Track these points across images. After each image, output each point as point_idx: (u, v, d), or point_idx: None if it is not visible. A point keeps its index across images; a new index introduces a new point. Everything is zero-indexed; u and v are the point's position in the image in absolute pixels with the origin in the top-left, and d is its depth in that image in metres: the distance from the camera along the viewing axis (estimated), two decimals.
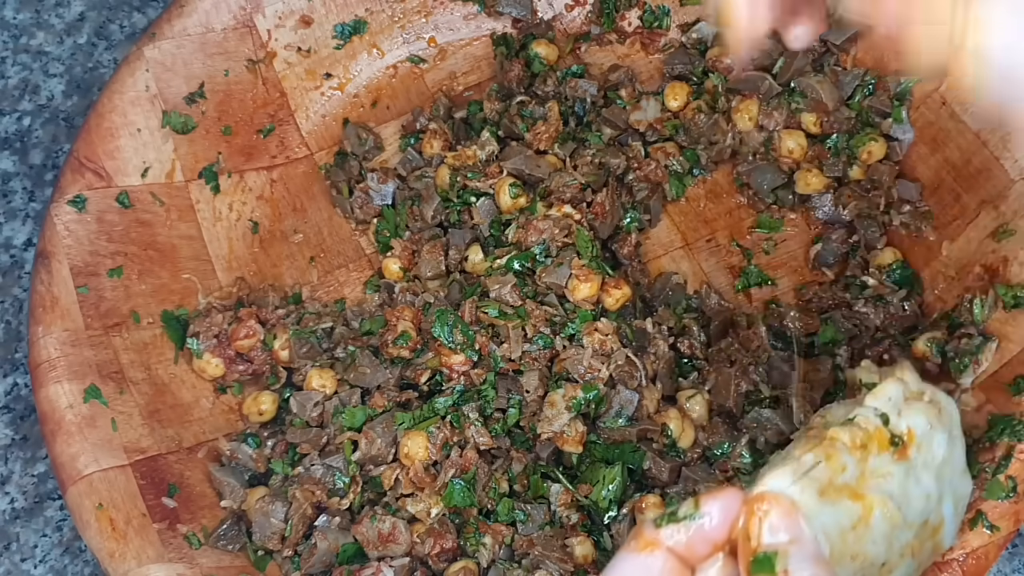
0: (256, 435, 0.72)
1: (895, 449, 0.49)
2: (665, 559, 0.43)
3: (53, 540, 0.74)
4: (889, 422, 0.49)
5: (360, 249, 0.79)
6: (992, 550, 0.59)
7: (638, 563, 0.43)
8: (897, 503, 0.48)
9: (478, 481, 0.66)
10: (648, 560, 0.43)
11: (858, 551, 0.47)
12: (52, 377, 0.68)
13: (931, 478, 0.51)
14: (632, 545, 0.44)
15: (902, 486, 0.49)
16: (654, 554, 0.43)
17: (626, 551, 0.44)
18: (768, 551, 0.42)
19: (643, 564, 0.43)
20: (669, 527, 0.44)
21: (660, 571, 0.43)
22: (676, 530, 0.43)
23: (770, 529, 0.43)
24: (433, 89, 0.83)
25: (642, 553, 0.44)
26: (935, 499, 0.51)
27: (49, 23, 0.90)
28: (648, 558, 0.43)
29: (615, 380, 0.68)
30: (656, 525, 0.44)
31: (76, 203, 0.73)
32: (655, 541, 0.43)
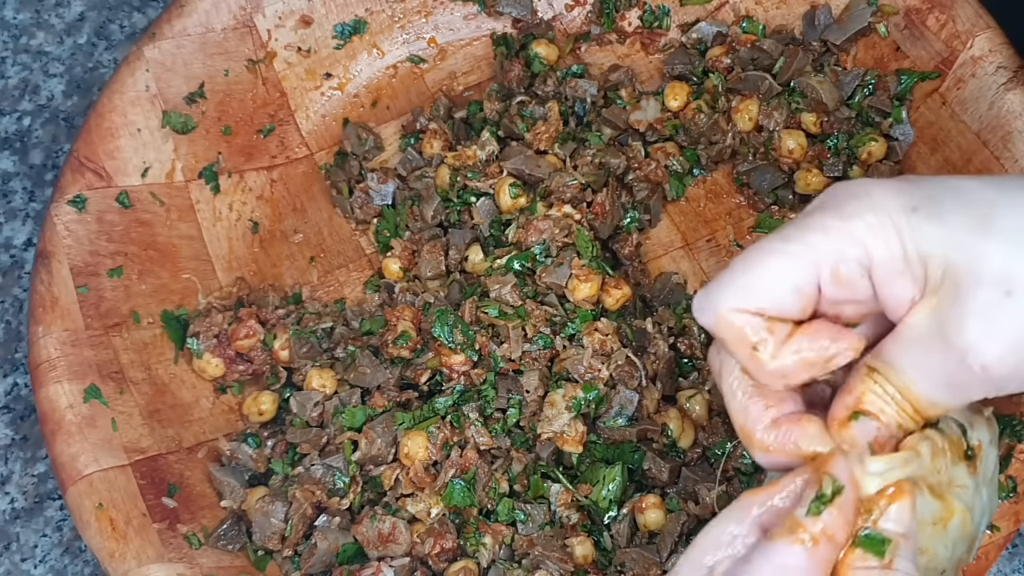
0: (256, 435, 0.72)
1: (968, 462, 0.49)
2: (826, 548, 0.44)
3: (53, 540, 0.74)
4: (967, 433, 0.50)
5: (360, 249, 0.79)
6: (992, 550, 0.59)
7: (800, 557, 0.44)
8: (971, 515, 0.49)
9: (478, 481, 0.67)
10: (810, 551, 0.44)
11: (927, 547, 0.47)
12: (52, 377, 0.68)
13: (986, 493, 0.51)
14: (791, 537, 0.44)
15: (972, 499, 0.49)
16: (815, 545, 0.44)
17: (789, 541, 0.44)
18: (884, 535, 0.44)
19: (804, 559, 0.44)
20: (822, 513, 0.44)
21: (822, 561, 0.44)
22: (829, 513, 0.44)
23: (890, 516, 0.44)
24: (433, 89, 0.83)
25: (805, 548, 0.44)
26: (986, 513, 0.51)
27: (49, 23, 0.90)
28: (810, 549, 0.44)
29: (615, 380, 0.68)
30: (812, 514, 0.44)
31: (76, 203, 0.73)
32: (815, 531, 0.44)
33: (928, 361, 0.45)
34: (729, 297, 0.46)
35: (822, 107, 0.75)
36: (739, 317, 0.46)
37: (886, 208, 0.45)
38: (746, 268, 0.46)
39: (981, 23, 0.72)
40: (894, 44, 0.76)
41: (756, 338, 0.46)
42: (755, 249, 0.46)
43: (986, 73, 0.71)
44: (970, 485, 0.49)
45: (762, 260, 0.46)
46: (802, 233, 0.46)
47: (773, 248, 0.46)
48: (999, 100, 0.70)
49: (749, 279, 0.46)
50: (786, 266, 0.46)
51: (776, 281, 0.46)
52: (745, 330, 0.46)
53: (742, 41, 0.79)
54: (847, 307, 0.48)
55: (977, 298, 0.44)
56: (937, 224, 0.45)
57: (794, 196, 0.76)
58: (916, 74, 0.75)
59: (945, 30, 0.73)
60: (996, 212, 0.45)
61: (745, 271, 0.46)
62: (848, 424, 0.46)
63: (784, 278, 0.46)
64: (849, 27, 0.77)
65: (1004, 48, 0.71)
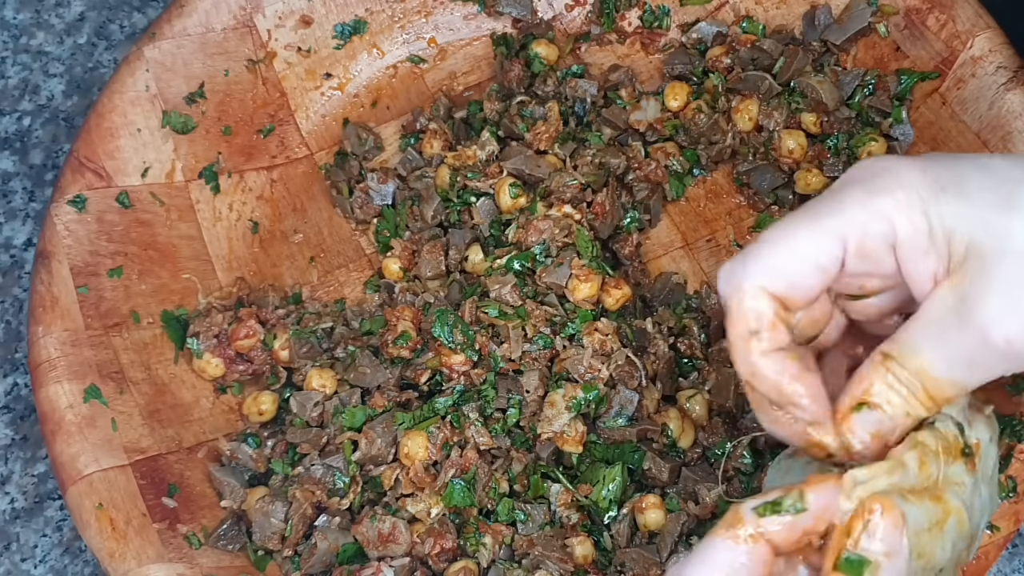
0: (256, 435, 0.72)
1: (966, 459, 0.49)
2: (762, 549, 0.44)
3: (53, 540, 0.74)
4: (964, 432, 0.49)
5: (360, 249, 0.79)
6: (992, 550, 0.59)
7: (734, 550, 0.44)
8: (968, 513, 0.48)
9: (478, 481, 0.66)
10: (744, 548, 0.44)
11: (924, 551, 0.46)
12: (52, 377, 0.68)
13: (986, 491, 0.51)
14: (729, 532, 0.44)
15: (970, 497, 0.49)
16: (751, 543, 0.44)
17: (721, 536, 0.44)
18: (863, 556, 0.43)
19: (739, 551, 0.44)
20: (771, 516, 0.44)
21: (756, 561, 0.44)
22: (777, 520, 0.44)
23: (871, 535, 0.43)
24: (433, 89, 0.83)
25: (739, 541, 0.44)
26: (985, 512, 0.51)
27: (49, 23, 0.90)
28: (745, 546, 0.44)
29: (615, 380, 0.68)
30: (759, 514, 0.44)
31: (76, 203, 0.73)
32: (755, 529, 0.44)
33: (949, 338, 0.45)
34: (756, 274, 0.46)
35: (822, 107, 0.75)
36: (758, 299, 0.46)
37: (913, 184, 0.45)
38: (774, 243, 0.46)
39: (981, 23, 0.72)
40: (894, 44, 0.76)
41: (757, 326, 0.46)
42: (783, 225, 0.47)
43: (986, 73, 0.71)
44: (968, 483, 0.49)
45: (790, 235, 0.46)
46: (829, 207, 0.46)
47: (800, 223, 0.46)
48: (999, 100, 0.70)
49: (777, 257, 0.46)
50: (813, 242, 0.46)
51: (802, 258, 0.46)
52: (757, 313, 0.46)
53: (742, 41, 0.79)
54: (871, 280, 0.48)
55: (1001, 273, 0.44)
56: (963, 201, 0.45)
57: (794, 196, 0.76)
58: (916, 74, 0.75)
59: (945, 30, 0.73)
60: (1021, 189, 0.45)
61: (773, 247, 0.46)
62: (850, 416, 0.46)
63: (810, 254, 0.46)
64: (849, 27, 0.77)
65: (1004, 48, 0.71)
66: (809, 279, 0.46)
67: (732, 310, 0.47)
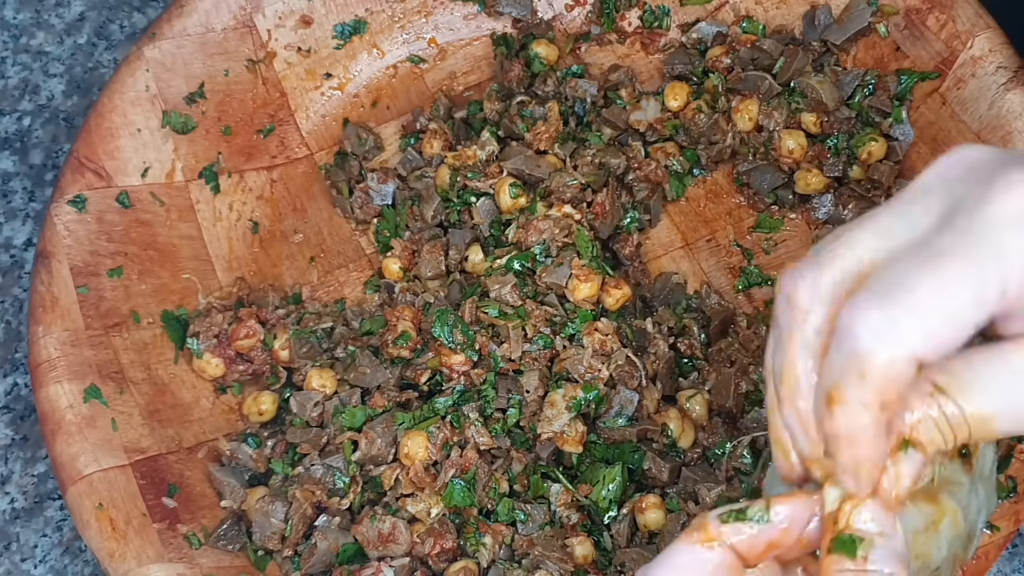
0: (256, 435, 0.72)
1: (963, 459, 0.49)
2: (724, 555, 0.43)
3: (53, 540, 0.74)
4: None
5: (360, 249, 0.79)
6: (992, 550, 0.59)
7: (696, 555, 0.43)
8: (964, 513, 0.48)
9: (478, 481, 0.66)
10: (707, 554, 0.43)
11: (920, 552, 0.46)
12: (52, 377, 0.68)
13: (983, 491, 0.51)
14: (692, 537, 0.43)
15: (967, 497, 0.49)
16: (714, 549, 0.43)
17: (684, 542, 0.43)
18: (855, 535, 0.42)
19: (701, 557, 0.43)
20: (734, 524, 0.43)
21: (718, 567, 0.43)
22: (740, 528, 0.43)
23: (862, 518, 0.42)
24: (433, 89, 0.83)
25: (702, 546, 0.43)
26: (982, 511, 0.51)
27: (49, 23, 0.90)
28: (707, 552, 0.43)
29: (615, 380, 0.68)
30: (722, 521, 0.43)
31: (76, 203, 0.73)
32: (718, 536, 0.43)
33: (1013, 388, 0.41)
34: (912, 336, 0.39)
35: (822, 107, 0.75)
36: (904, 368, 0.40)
37: None
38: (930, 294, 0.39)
39: (981, 23, 0.72)
40: (894, 44, 0.76)
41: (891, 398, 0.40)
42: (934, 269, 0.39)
43: (986, 73, 0.71)
44: (965, 483, 0.49)
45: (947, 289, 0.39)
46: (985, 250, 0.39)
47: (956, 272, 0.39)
48: (999, 100, 0.70)
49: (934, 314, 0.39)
50: (973, 299, 0.39)
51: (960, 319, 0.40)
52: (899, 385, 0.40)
53: (742, 41, 0.79)
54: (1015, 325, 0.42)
55: None
56: None
57: (794, 196, 0.76)
58: (916, 74, 0.75)
59: (945, 30, 0.73)
60: None
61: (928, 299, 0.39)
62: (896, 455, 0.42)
63: (969, 315, 0.40)
64: (849, 27, 0.77)
65: (1004, 48, 0.71)
66: (958, 340, 0.40)
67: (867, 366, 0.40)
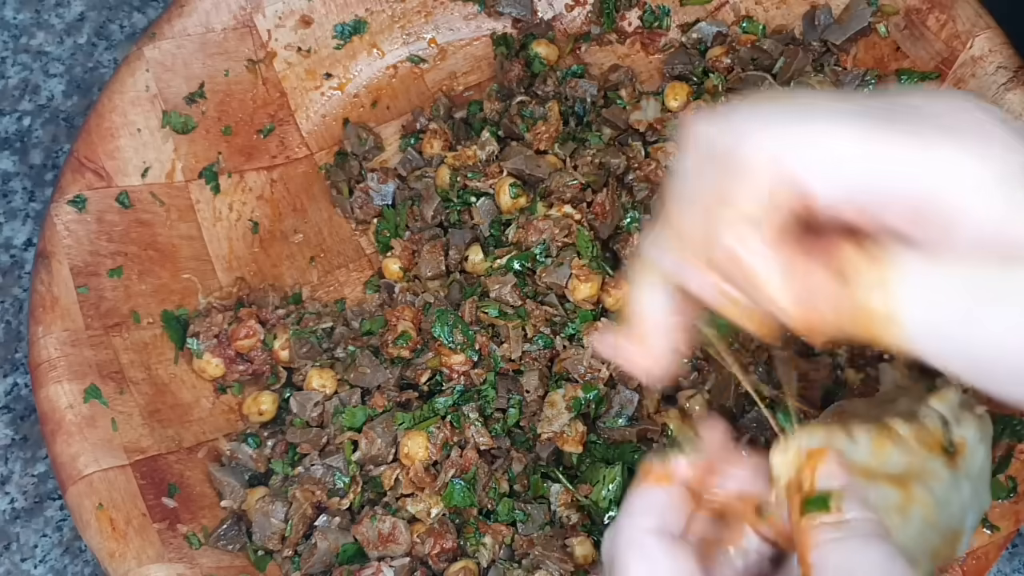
0: (256, 435, 0.72)
1: (947, 456, 0.49)
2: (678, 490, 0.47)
3: (53, 540, 0.74)
4: (949, 427, 0.50)
5: (360, 249, 0.79)
6: (992, 550, 0.59)
7: (654, 495, 0.46)
8: (938, 506, 0.48)
9: (478, 481, 0.66)
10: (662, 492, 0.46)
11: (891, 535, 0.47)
12: (52, 377, 0.68)
13: (969, 488, 0.51)
14: (647, 480, 0.47)
15: (947, 492, 0.49)
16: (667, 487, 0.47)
17: (640, 486, 0.47)
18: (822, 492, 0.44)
19: (659, 495, 0.46)
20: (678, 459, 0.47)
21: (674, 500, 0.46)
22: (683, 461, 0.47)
23: (823, 476, 0.44)
24: (433, 89, 0.83)
25: (657, 486, 0.47)
26: (966, 509, 0.51)
27: (49, 23, 0.90)
28: (662, 490, 0.46)
29: (615, 380, 0.68)
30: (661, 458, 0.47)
31: (76, 203, 0.73)
32: (668, 474, 0.47)
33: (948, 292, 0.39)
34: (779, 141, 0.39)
35: None
36: (769, 171, 0.39)
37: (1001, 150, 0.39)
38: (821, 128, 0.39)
39: (981, 23, 0.72)
40: (894, 44, 0.76)
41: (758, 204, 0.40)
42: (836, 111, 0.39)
43: (986, 73, 0.71)
44: (945, 477, 0.49)
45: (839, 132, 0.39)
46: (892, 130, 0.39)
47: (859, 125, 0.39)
48: (999, 100, 0.70)
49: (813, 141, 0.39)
50: (860, 157, 0.39)
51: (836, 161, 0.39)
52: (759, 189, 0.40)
53: (742, 41, 0.79)
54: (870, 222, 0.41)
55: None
56: None
57: None
58: (916, 74, 0.75)
59: (945, 30, 0.73)
60: None
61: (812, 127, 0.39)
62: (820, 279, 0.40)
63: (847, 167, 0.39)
64: (849, 27, 0.77)
65: (1004, 48, 0.71)
66: (834, 191, 0.39)
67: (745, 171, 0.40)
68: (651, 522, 0.45)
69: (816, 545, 0.43)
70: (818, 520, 0.43)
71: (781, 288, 0.40)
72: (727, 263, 0.41)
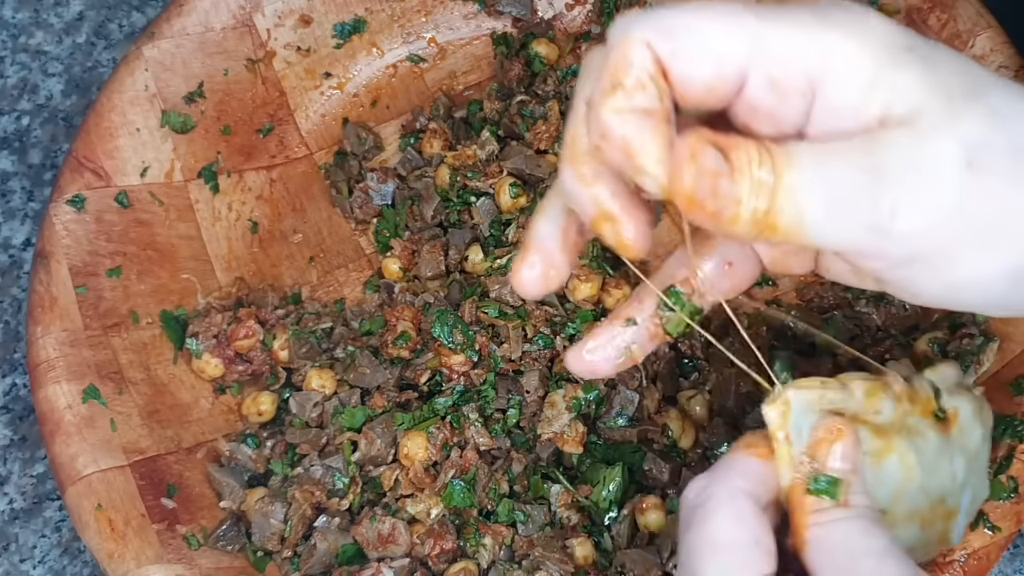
0: (255, 435, 0.72)
1: (937, 420, 0.50)
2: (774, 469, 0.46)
3: (52, 541, 0.73)
4: (940, 397, 0.50)
5: (360, 249, 0.79)
6: (993, 550, 0.59)
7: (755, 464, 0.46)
8: (920, 462, 0.49)
9: (478, 482, 0.66)
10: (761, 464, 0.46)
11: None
12: (51, 377, 0.68)
13: (963, 463, 0.52)
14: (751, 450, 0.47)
15: (933, 453, 0.50)
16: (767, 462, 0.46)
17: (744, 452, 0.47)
18: (833, 475, 0.45)
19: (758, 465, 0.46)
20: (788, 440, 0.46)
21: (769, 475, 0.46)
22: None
23: (836, 456, 0.45)
24: (433, 88, 0.83)
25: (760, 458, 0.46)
26: (959, 484, 0.52)
27: (48, 22, 0.90)
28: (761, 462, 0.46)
29: (615, 380, 0.68)
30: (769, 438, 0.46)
31: (75, 203, 0.72)
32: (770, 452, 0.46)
33: (834, 171, 0.39)
34: (650, 28, 0.40)
35: None
36: (640, 51, 0.40)
37: (877, 33, 0.40)
38: (690, 12, 0.41)
39: (982, 23, 0.72)
40: None
41: (630, 80, 0.40)
42: (715, 5, 0.41)
43: None
44: (933, 439, 0.49)
45: (710, 14, 0.40)
46: (768, 18, 0.40)
47: (733, 12, 0.40)
48: None
49: (681, 22, 0.40)
50: (728, 34, 0.40)
51: (707, 41, 0.40)
52: (630, 64, 0.40)
53: None
54: (762, 124, 0.42)
55: (934, 150, 0.39)
56: (927, 69, 0.40)
57: None
58: None
59: (946, 29, 0.73)
60: (989, 86, 0.41)
61: (685, 14, 0.40)
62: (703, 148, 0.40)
63: (717, 43, 0.40)
64: None
65: (1005, 48, 0.71)
66: (703, 68, 0.40)
67: (610, 55, 0.41)
68: (749, 486, 0.45)
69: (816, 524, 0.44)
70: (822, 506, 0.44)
71: (657, 159, 0.40)
72: (605, 146, 0.41)
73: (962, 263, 0.41)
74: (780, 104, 0.41)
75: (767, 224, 0.40)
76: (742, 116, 0.42)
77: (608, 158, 0.42)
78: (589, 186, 0.44)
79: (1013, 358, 0.64)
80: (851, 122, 0.40)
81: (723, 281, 0.51)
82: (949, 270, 0.41)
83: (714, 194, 0.39)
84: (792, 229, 0.40)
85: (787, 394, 0.46)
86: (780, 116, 0.41)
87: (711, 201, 0.40)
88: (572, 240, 0.49)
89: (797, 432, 0.46)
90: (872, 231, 0.40)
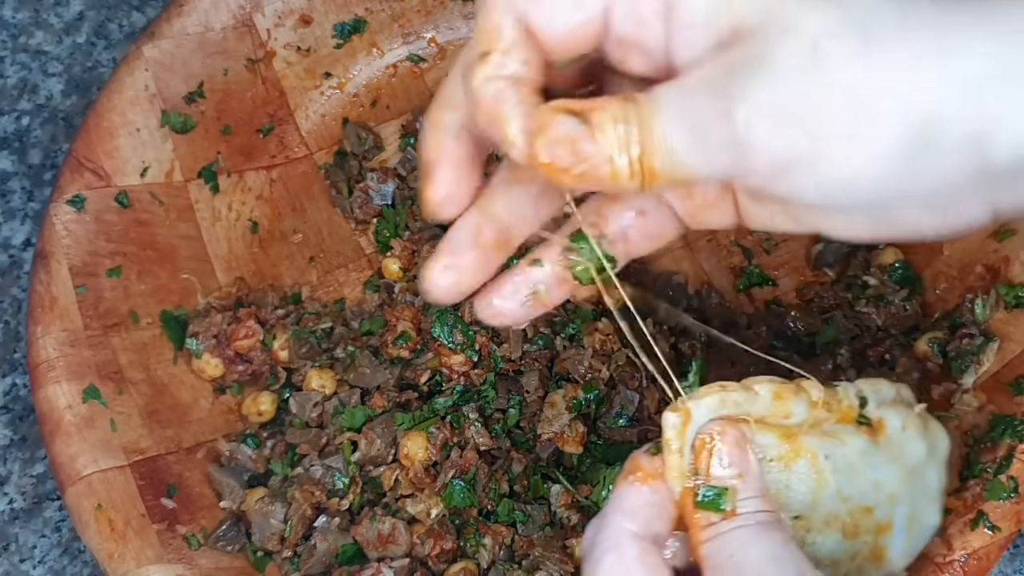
0: (255, 435, 0.72)
1: (861, 427, 0.48)
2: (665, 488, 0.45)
3: (52, 541, 0.73)
4: (866, 405, 0.49)
5: (360, 249, 0.79)
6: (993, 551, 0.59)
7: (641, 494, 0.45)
8: (835, 467, 0.47)
9: (478, 482, 0.66)
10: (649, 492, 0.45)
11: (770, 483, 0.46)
12: (51, 377, 0.68)
13: (895, 474, 0.50)
14: (633, 478, 0.45)
15: (853, 459, 0.48)
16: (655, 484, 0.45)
17: (627, 484, 0.45)
18: (718, 483, 0.44)
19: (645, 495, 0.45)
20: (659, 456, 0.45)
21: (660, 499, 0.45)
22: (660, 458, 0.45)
23: (718, 462, 0.44)
24: (433, 88, 0.83)
25: (645, 485, 0.45)
26: (887, 495, 0.50)
27: (48, 22, 0.90)
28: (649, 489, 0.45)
29: (616, 380, 0.68)
30: (650, 455, 0.45)
31: (75, 203, 0.72)
32: (655, 472, 0.45)
33: (694, 102, 0.39)
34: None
35: None
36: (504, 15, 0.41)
37: None
38: None
39: None
40: None
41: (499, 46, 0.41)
42: None
43: None
44: (855, 446, 0.48)
45: None
46: None
47: None
48: None
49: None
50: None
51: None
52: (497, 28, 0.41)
53: None
54: (635, 58, 0.42)
55: (781, 53, 0.38)
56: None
57: None
58: None
59: None
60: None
61: None
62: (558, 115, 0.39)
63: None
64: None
65: None
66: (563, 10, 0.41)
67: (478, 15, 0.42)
68: (636, 525, 0.44)
69: (706, 540, 0.43)
70: (709, 520, 0.44)
71: (520, 129, 0.40)
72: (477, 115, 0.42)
73: (830, 160, 0.39)
74: (643, 33, 0.41)
75: (648, 172, 0.39)
76: (616, 57, 0.42)
77: (481, 127, 0.42)
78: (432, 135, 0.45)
79: (1013, 358, 0.64)
80: (706, 38, 0.40)
81: (636, 231, 0.49)
82: (822, 170, 0.39)
83: (577, 157, 0.39)
84: (668, 170, 0.39)
85: (688, 405, 0.45)
86: (647, 47, 0.41)
87: (577, 165, 0.39)
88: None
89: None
90: (735, 148, 0.39)
